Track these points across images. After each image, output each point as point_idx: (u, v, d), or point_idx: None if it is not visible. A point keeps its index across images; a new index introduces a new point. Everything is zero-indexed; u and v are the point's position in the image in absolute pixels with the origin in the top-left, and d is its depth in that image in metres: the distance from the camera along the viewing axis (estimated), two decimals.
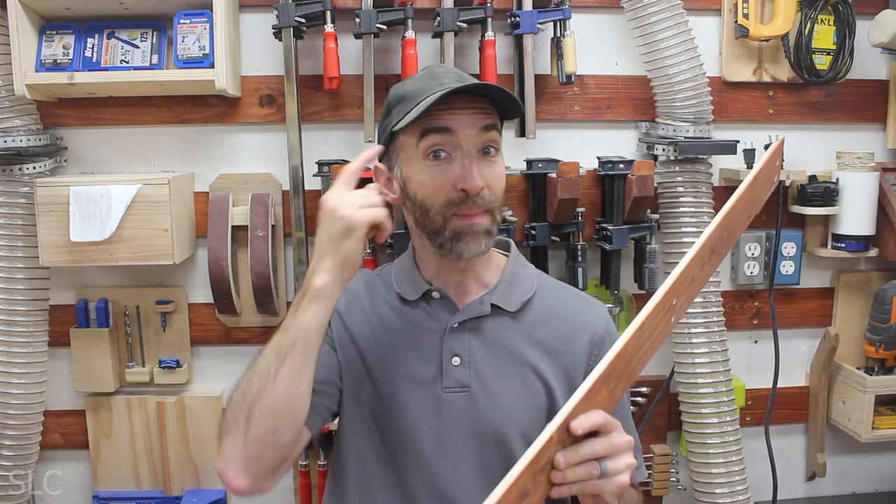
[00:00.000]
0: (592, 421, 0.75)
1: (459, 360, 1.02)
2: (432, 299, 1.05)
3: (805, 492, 1.89)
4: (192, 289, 1.67)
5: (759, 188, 0.95)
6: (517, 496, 0.67)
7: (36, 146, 1.53)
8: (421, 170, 0.97)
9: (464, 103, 0.95)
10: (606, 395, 0.77)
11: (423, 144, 0.95)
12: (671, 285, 0.81)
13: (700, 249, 0.85)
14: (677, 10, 1.53)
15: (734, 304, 1.78)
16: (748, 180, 0.92)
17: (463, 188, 0.94)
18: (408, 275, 1.08)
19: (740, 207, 0.91)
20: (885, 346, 1.68)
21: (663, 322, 0.81)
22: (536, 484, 0.70)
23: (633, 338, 0.77)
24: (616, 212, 1.62)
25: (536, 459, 0.70)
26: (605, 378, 0.76)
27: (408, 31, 1.51)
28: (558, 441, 0.73)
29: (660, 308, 0.80)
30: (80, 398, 1.67)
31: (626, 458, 0.79)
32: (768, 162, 0.95)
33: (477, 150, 0.96)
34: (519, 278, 1.09)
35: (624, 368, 0.78)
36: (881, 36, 1.63)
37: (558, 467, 0.73)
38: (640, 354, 0.79)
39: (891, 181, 1.72)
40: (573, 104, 1.67)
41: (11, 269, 1.54)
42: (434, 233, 0.98)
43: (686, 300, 0.85)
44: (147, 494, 1.68)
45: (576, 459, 0.74)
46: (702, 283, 0.87)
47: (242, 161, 1.64)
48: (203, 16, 1.50)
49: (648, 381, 1.74)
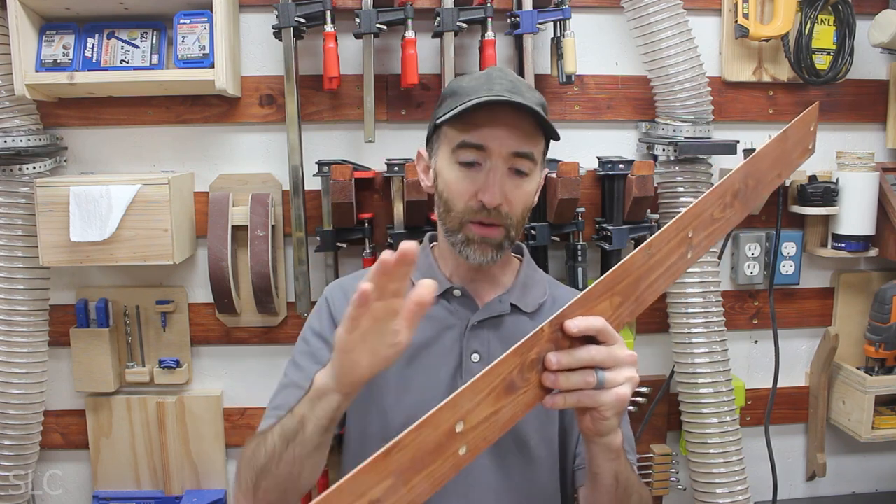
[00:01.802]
0: (590, 323, 0.70)
1: (479, 357, 1.03)
2: (453, 297, 1.07)
3: (805, 492, 1.89)
4: (192, 289, 1.67)
5: (791, 148, 0.92)
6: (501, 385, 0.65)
7: (36, 146, 1.53)
8: (451, 170, 1.01)
9: (508, 115, 0.97)
10: (609, 309, 0.73)
11: (458, 152, 1.00)
12: (686, 213, 0.79)
13: (720, 186, 0.82)
14: (677, 10, 1.53)
15: (734, 304, 1.78)
16: (779, 135, 0.90)
17: (481, 199, 0.98)
18: (426, 271, 1.10)
19: (768, 160, 0.88)
20: (885, 346, 1.68)
21: (677, 252, 0.78)
22: (525, 382, 0.67)
23: (641, 253, 0.74)
24: (616, 212, 1.62)
25: (524, 347, 0.66)
26: (607, 286, 0.72)
27: (408, 31, 1.51)
28: (550, 339, 0.69)
29: (672, 232, 0.77)
30: (80, 398, 1.67)
31: (627, 371, 0.74)
32: (801, 121, 0.93)
33: (507, 167, 0.99)
34: (533, 280, 1.12)
35: (631, 286, 0.74)
36: (881, 36, 1.63)
37: (549, 367, 0.68)
38: (649, 278, 0.75)
39: (891, 181, 1.71)
40: (573, 104, 1.67)
41: (11, 269, 1.54)
42: (451, 231, 1.03)
43: (705, 239, 0.81)
44: (147, 494, 1.68)
45: (570, 362, 0.69)
46: (724, 229, 0.84)
47: (242, 161, 1.64)
48: (203, 16, 1.50)
49: (648, 381, 1.74)
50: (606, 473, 0.85)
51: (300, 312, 1.61)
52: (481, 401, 0.63)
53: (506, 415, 0.65)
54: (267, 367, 1.70)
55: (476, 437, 0.63)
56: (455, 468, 0.62)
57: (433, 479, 0.61)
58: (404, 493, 0.59)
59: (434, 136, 1.07)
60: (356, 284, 1.10)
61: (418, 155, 1.12)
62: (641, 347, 1.75)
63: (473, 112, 0.97)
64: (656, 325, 1.73)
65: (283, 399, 1.03)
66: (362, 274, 1.16)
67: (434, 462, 0.60)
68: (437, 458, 0.60)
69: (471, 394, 0.62)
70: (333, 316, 1.09)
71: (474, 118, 0.98)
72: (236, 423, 1.70)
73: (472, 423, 0.62)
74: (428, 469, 0.60)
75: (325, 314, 1.10)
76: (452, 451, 0.61)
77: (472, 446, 0.63)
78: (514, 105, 0.96)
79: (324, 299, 1.14)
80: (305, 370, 1.03)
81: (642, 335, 1.75)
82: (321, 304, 1.13)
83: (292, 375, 1.06)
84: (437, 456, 0.60)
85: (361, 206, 1.61)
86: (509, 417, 0.66)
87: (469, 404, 0.62)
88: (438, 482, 0.61)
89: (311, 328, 1.10)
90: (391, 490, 0.58)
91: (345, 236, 1.59)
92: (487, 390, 0.64)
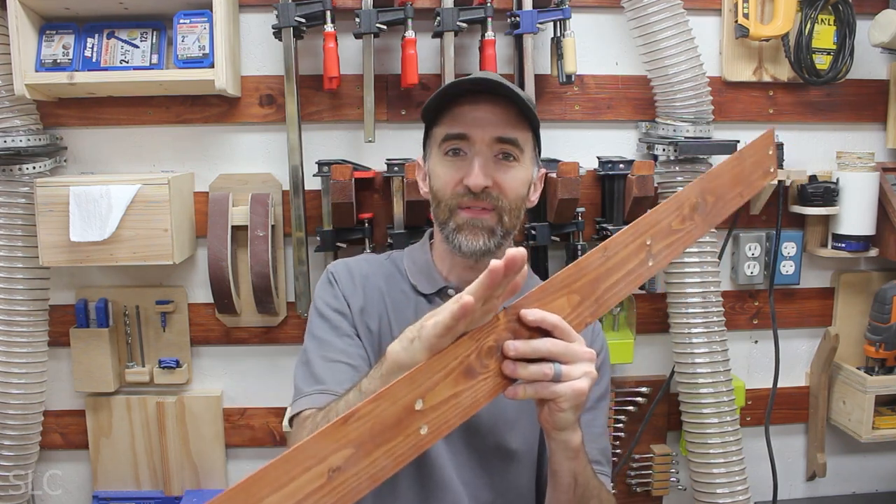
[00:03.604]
0: (545, 316, 0.72)
1: None
2: (447, 296, 1.06)
3: (805, 492, 1.89)
4: (191, 289, 1.67)
5: (749, 169, 0.96)
6: (459, 368, 0.66)
7: (36, 146, 1.52)
8: (440, 164, 1.04)
9: (488, 104, 1.01)
10: (568, 307, 0.74)
11: (444, 145, 1.03)
12: (643, 219, 0.81)
13: (676, 198, 0.85)
14: (677, 10, 1.53)
15: (734, 304, 1.78)
16: (734, 154, 0.95)
17: (466, 184, 1.00)
18: (422, 267, 1.11)
19: (725, 178, 0.92)
20: (886, 346, 1.68)
21: (637, 258, 0.80)
22: (485, 368, 0.68)
23: (597, 253, 0.76)
24: (616, 212, 1.62)
25: (479, 333, 0.68)
26: (563, 282, 0.74)
27: (408, 31, 1.51)
28: (508, 328, 0.70)
29: (629, 237, 0.79)
30: (79, 398, 1.67)
31: (584, 366, 0.74)
32: (757, 144, 0.98)
33: (493, 154, 1.01)
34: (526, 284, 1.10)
35: (589, 286, 0.76)
36: (881, 36, 1.63)
37: (507, 354, 0.70)
38: (609, 279, 0.77)
39: (891, 181, 1.71)
40: (573, 104, 1.67)
41: (11, 269, 1.54)
42: (442, 223, 1.04)
43: (666, 249, 0.84)
44: (147, 494, 1.68)
45: (526, 351, 0.70)
46: (685, 241, 0.87)
47: (242, 161, 1.64)
48: (203, 16, 1.50)
49: (648, 381, 1.74)
50: (565, 472, 0.87)
51: (300, 312, 1.61)
52: (440, 381, 0.65)
53: (466, 400, 0.67)
54: (267, 368, 1.70)
55: (437, 419, 0.64)
56: (416, 448, 0.63)
57: (394, 457, 0.62)
58: (365, 466, 0.60)
59: (427, 142, 1.10)
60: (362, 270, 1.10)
61: (417, 165, 1.14)
62: (641, 347, 1.75)
63: (456, 106, 1.01)
64: (656, 325, 1.73)
65: (326, 374, 1.00)
66: (365, 258, 1.16)
67: (395, 438, 0.62)
68: (398, 435, 0.62)
69: (427, 371, 0.64)
70: (342, 290, 1.08)
71: (457, 112, 1.02)
72: (236, 423, 1.70)
73: (431, 402, 0.64)
74: (389, 444, 0.61)
75: (335, 289, 1.08)
76: (413, 430, 0.63)
77: (433, 428, 0.64)
78: (492, 89, 0.99)
79: (330, 275, 1.11)
80: (333, 344, 1.02)
81: (642, 335, 1.75)
82: (328, 280, 1.10)
83: (320, 350, 1.03)
84: (398, 432, 0.62)
85: (361, 206, 1.61)
86: (470, 403, 0.67)
87: (427, 382, 0.64)
88: (400, 460, 0.62)
89: (325, 304, 1.07)
90: (351, 461, 0.59)
91: (345, 236, 1.59)
92: (445, 371, 0.65)
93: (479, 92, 1.01)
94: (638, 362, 1.74)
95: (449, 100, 1.03)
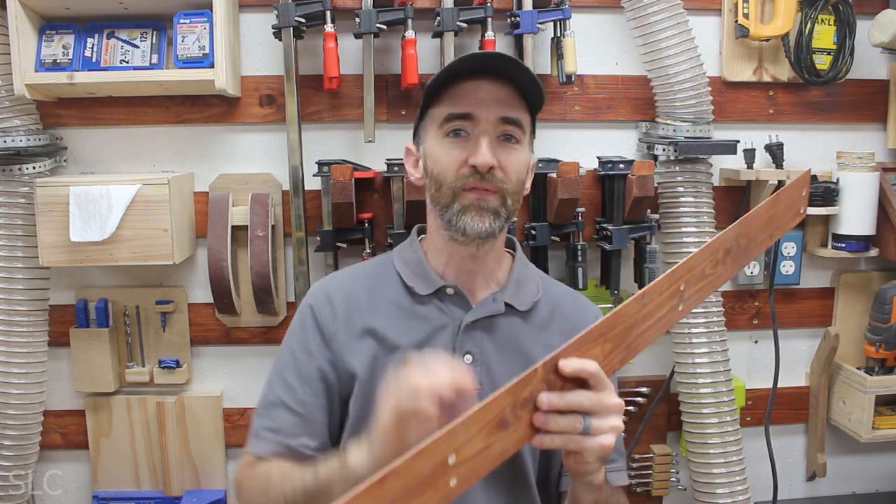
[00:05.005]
0: (583, 366, 0.73)
1: (472, 359, 1.01)
2: (446, 295, 1.03)
3: (805, 492, 1.89)
4: (191, 289, 1.67)
5: (783, 211, 0.96)
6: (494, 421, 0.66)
7: (36, 146, 1.52)
8: (440, 145, 1.00)
9: (492, 84, 0.98)
10: (601, 355, 0.75)
11: (445, 125, 0.99)
12: (679, 266, 0.81)
13: (713, 243, 0.85)
14: (677, 10, 1.53)
15: (734, 304, 1.78)
16: (771, 198, 0.95)
17: (473, 164, 0.96)
18: (416, 267, 1.06)
19: (760, 221, 0.92)
20: (886, 346, 1.68)
21: (669, 304, 0.80)
22: (517, 419, 0.69)
23: (634, 302, 0.77)
24: (616, 212, 1.62)
25: (518, 387, 0.69)
26: (600, 332, 0.75)
27: (408, 30, 1.51)
28: (543, 378, 0.71)
29: (665, 284, 0.80)
30: (79, 398, 1.67)
31: (613, 420, 0.76)
32: (793, 186, 0.98)
33: (497, 135, 0.98)
34: (526, 277, 1.10)
35: (622, 334, 0.76)
36: (881, 36, 1.63)
37: (541, 406, 0.71)
38: (641, 326, 0.78)
39: (891, 181, 1.71)
40: (573, 104, 1.67)
41: (11, 269, 1.54)
42: (444, 207, 0.99)
43: (696, 293, 0.84)
44: (147, 494, 1.68)
45: (559, 404, 0.72)
46: (714, 285, 0.87)
47: (242, 161, 1.64)
48: (203, 16, 1.50)
49: (648, 381, 1.74)
50: (586, 501, 0.88)
51: None
52: (474, 434, 0.65)
53: (496, 450, 0.67)
54: (267, 368, 1.65)
55: (467, 470, 0.65)
56: (444, 499, 0.63)
57: None
58: None
59: (420, 125, 1.06)
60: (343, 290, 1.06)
61: (407, 151, 1.10)
62: None
63: (458, 86, 0.98)
64: None
65: (278, 422, 1.00)
66: (349, 272, 1.12)
67: (425, 492, 0.61)
68: (429, 489, 0.62)
69: (466, 426, 0.64)
70: (321, 327, 1.03)
71: (458, 92, 0.98)
72: (236, 423, 1.70)
73: (464, 455, 0.64)
74: (419, 498, 0.61)
75: (312, 326, 1.04)
76: (444, 482, 0.63)
77: (462, 479, 0.64)
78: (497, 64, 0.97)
79: (308, 308, 1.06)
80: (296, 390, 1.01)
81: None
82: (305, 313, 1.06)
83: (281, 393, 1.02)
84: (429, 486, 0.62)
85: (361, 206, 1.61)
86: (500, 452, 0.68)
87: (464, 437, 0.64)
88: None
89: (298, 341, 1.04)
90: None
91: (345, 236, 1.59)
92: (481, 425, 0.65)
93: (481, 71, 0.98)
94: (638, 362, 1.74)
95: (452, 77, 0.99)
